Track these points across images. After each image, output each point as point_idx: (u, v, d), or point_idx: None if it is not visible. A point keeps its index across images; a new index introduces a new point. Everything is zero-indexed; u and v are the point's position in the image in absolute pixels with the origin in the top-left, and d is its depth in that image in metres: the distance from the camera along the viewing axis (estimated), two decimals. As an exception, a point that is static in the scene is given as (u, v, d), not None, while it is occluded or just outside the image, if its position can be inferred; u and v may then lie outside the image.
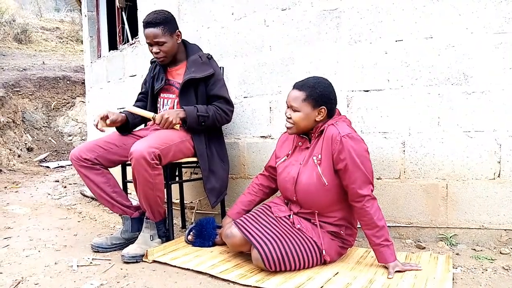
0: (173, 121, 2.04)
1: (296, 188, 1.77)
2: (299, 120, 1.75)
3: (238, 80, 2.52)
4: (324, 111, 1.74)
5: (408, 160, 2.13)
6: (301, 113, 1.74)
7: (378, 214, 1.68)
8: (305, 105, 1.73)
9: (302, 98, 1.74)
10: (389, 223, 2.17)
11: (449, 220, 2.09)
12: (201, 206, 2.69)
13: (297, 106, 1.74)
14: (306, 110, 1.74)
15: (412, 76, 2.11)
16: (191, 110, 2.10)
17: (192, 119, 2.09)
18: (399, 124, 2.14)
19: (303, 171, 1.76)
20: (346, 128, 1.71)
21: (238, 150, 2.55)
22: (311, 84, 1.76)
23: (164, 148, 1.96)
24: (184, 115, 2.08)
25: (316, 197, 1.73)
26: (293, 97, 1.76)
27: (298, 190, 1.77)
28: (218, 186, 2.18)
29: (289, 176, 1.80)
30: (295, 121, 1.76)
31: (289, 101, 1.77)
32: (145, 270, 1.81)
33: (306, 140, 1.84)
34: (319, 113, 1.75)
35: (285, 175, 1.83)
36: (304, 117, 1.74)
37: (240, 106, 2.52)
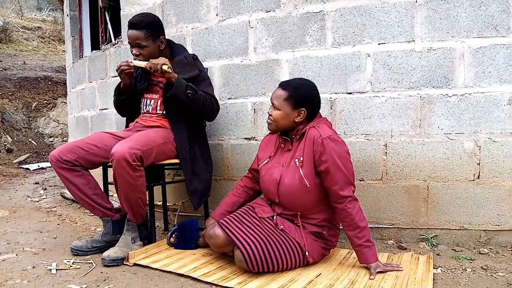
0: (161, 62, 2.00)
1: (278, 190, 1.78)
2: (278, 118, 1.78)
3: (223, 82, 2.52)
4: (303, 113, 1.77)
5: (390, 162, 2.16)
6: (281, 112, 1.77)
7: (360, 215, 1.70)
8: (285, 105, 1.76)
9: (283, 97, 1.77)
10: (371, 224, 2.19)
11: (430, 221, 2.12)
12: (184, 208, 2.67)
13: (278, 104, 1.77)
14: (286, 109, 1.76)
15: (394, 79, 2.14)
16: (181, 79, 2.06)
17: (180, 85, 2.03)
18: (381, 127, 2.16)
19: (285, 173, 1.77)
20: (328, 130, 1.74)
21: (222, 152, 2.54)
22: (295, 85, 1.79)
23: (146, 150, 1.94)
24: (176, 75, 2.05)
25: (298, 199, 1.74)
26: (276, 95, 1.79)
27: (280, 192, 1.77)
28: (201, 188, 2.17)
29: (272, 178, 1.81)
30: (274, 118, 1.79)
31: (272, 98, 1.81)
32: (126, 273, 1.78)
33: (288, 142, 1.85)
34: (298, 114, 1.77)
35: (267, 177, 1.84)
36: (283, 116, 1.77)
37: (224, 108, 2.51)
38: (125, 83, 2.21)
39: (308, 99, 1.78)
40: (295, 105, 1.76)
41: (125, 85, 2.22)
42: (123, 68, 2.12)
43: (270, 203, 1.88)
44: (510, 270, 1.76)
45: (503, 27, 2.01)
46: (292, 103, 1.76)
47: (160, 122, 2.19)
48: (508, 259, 1.90)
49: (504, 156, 2.03)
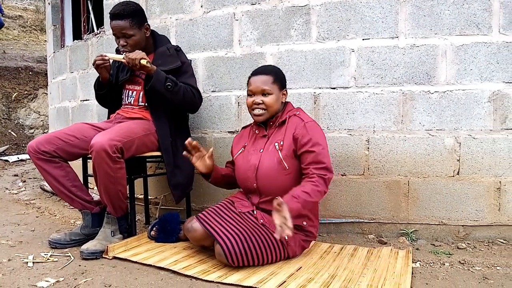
0: (138, 56, 1.96)
1: (257, 174, 1.79)
2: (272, 103, 1.80)
3: (207, 74, 2.49)
4: (286, 93, 1.87)
5: (372, 157, 2.17)
6: (274, 95, 1.81)
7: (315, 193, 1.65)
8: (275, 88, 1.82)
9: (271, 80, 1.81)
10: (352, 218, 2.21)
11: (410, 216, 2.14)
12: (166, 201, 2.65)
13: (269, 89, 1.80)
14: (276, 92, 1.82)
15: (378, 74, 2.15)
16: (160, 70, 2.03)
17: (159, 78, 2.01)
18: (364, 122, 2.18)
19: (264, 157, 1.79)
20: (309, 117, 1.82)
21: (205, 145, 2.52)
22: (272, 69, 1.88)
23: (126, 141, 1.91)
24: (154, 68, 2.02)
25: (276, 182, 1.74)
26: (263, 81, 1.80)
27: (259, 176, 1.78)
28: (183, 181, 2.15)
29: (249, 164, 1.82)
30: (268, 104, 1.79)
31: (259, 85, 1.80)
32: (105, 266, 1.76)
33: (262, 129, 1.89)
34: (283, 95, 1.86)
35: (244, 164, 1.85)
36: (276, 99, 1.82)
37: (208, 101, 2.49)
38: (104, 77, 2.17)
39: (285, 80, 1.89)
40: (281, 86, 1.84)
41: (103, 79, 2.18)
42: (98, 62, 2.09)
43: (248, 196, 1.88)
44: (487, 264, 1.80)
45: (484, 26, 2.03)
46: (278, 84, 1.83)
47: (142, 114, 2.17)
48: (485, 253, 1.94)
49: (483, 153, 2.06)
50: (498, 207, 2.07)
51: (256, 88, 1.80)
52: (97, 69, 2.12)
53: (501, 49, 2.03)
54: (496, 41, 2.03)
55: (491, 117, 2.05)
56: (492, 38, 2.03)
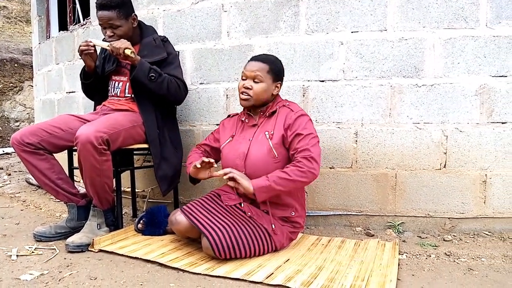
0: (123, 46, 1.94)
1: (246, 162, 1.79)
2: (260, 92, 1.80)
3: (195, 66, 2.47)
4: (279, 86, 1.86)
5: (360, 150, 2.18)
6: (264, 84, 1.80)
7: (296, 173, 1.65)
8: (268, 77, 1.81)
9: (266, 70, 1.81)
10: (340, 211, 2.22)
11: (397, 209, 2.16)
12: (153, 195, 2.63)
13: (262, 77, 1.79)
14: (268, 82, 1.81)
15: (366, 67, 2.15)
16: (144, 61, 2.01)
17: (142, 68, 1.99)
18: (352, 115, 2.18)
19: (253, 145, 1.80)
20: (299, 108, 1.83)
21: (193, 138, 2.51)
22: (272, 59, 1.86)
23: (113, 133, 1.89)
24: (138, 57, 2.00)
25: (265, 170, 1.73)
26: (259, 67, 1.80)
27: (248, 164, 1.78)
28: (170, 173, 2.14)
29: (238, 152, 1.82)
30: (256, 92, 1.79)
31: (253, 71, 1.80)
32: (91, 259, 1.74)
33: (252, 118, 1.88)
34: (275, 87, 1.84)
35: (232, 153, 1.84)
36: (266, 88, 1.81)
37: (196, 93, 2.47)
38: (88, 65, 2.13)
39: (282, 73, 1.88)
40: (275, 78, 1.83)
41: (88, 67, 2.14)
42: (82, 48, 2.05)
43: None
44: (472, 256, 1.83)
45: (472, 19, 2.04)
46: (273, 76, 1.82)
47: (129, 106, 2.14)
48: (470, 245, 1.96)
49: (470, 146, 2.08)
50: (483, 200, 2.09)
51: (250, 73, 1.80)
52: (82, 56, 2.09)
53: (488, 43, 2.04)
54: (483, 34, 2.04)
55: (477, 111, 2.07)
56: (480, 31, 2.04)
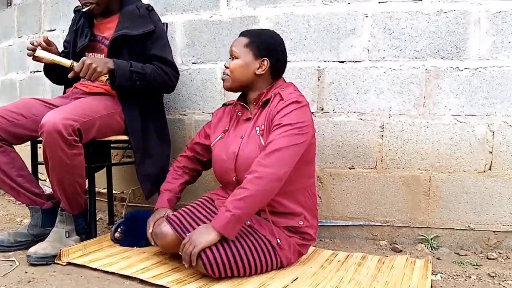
0: (98, 69, 1.92)
1: (236, 164, 1.78)
2: (236, 68, 1.81)
3: (186, 42, 2.47)
4: (266, 64, 1.82)
5: (386, 147, 2.18)
6: (240, 61, 1.81)
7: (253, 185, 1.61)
8: (246, 52, 1.81)
9: (244, 43, 1.82)
10: (361, 221, 2.22)
11: (430, 219, 2.16)
12: (134, 197, 2.64)
13: (237, 52, 1.82)
14: (246, 57, 1.81)
15: (396, 46, 2.14)
16: (122, 63, 2.01)
17: (123, 73, 1.99)
18: (378, 104, 2.18)
19: (245, 144, 1.79)
20: (293, 93, 1.76)
21: (183, 129, 2.51)
22: (257, 32, 1.88)
23: (86, 121, 1.89)
24: (113, 66, 1.99)
25: None
26: (236, 43, 1.84)
27: (238, 166, 1.78)
28: (155, 172, 2.15)
29: (228, 152, 1.82)
30: (231, 69, 1.82)
31: (231, 47, 1.85)
32: (57, 274, 1.75)
33: (247, 111, 1.88)
34: (260, 65, 1.82)
35: (223, 153, 1.84)
36: (242, 65, 1.81)
37: (188, 75, 2.47)
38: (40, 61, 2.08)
39: (272, 47, 1.84)
40: (257, 53, 1.81)
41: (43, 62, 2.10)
42: (28, 53, 2.02)
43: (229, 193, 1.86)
44: (521, 278, 1.82)
45: (527, -12, 2.03)
46: (254, 50, 1.81)
47: (105, 89, 2.14)
48: (519, 265, 1.96)
49: (521, 144, 2.08)
50: (536, 210, 2.09)
51: (229, 50, 1.85)
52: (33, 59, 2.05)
53: (547, 17, 2.03)
54: (541, 7, 2.03)
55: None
56: (536, 4, 2.03)
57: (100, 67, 1.93)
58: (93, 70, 1.92)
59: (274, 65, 1.83)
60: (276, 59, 1.84)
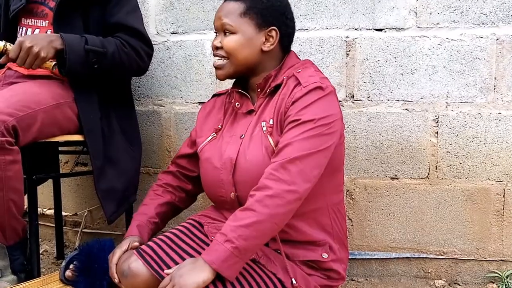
0: (41, 54, 1.94)
1: (235, 176, 1.75)
2: (235, 47, 1.75)
3: (163, 4, 2.49)
4: (275, 34, 1.77)
5: (443, 148, 2.19)
6: (239, 36, 1.75)
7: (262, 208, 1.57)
8: (245, 23, 1.75)
9: (240, 11, 1.75)
10: (408, 252, 2.23)
11: (505, 249, 2.17)
12: (92, 221, 2.66)
13: (232, 24, 1.74)
14: (247, 30, 1.75)
15: (455, 7, 2.15)
16: (74, 39, 2.03)
17: (76, 54, 2.01)
18: (430, 88, 2.18)
19: (246, 146, 1.75)
20: (313, 76, 1.72)
21: (159, 126, 2.54)
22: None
23: (24, 116, 1.89)
24: (61, 45, 2.00)
25: None
26: (226, 11, 1.76)
27: (238, 177, 1.75)
28: (120, 185, 2.16)
29: (224, 158, 1.79)
30: (229, 50, 1.75)
31: (219, 18, 1.77)
32: (-14, 328, 1.77)
33: (248, 100, 1.84)
34: (267, 38, 1.77)
35: (215, 159, 1.82)
36: (243, 42, 1.75)
37: (165, 49, 2.50)
38: None
39: (279, 9, 1.79)
40: (262, 21, 1.76)
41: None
42: None
43: (223, 214, 1.87)
44: None
45: None
46: (256, 18, 1.75)
47: (51, 70, 2.16)
48: None
49: None
50: None
51: (217, 22, 1.79)
52: None
53: None
54: None
55: None
56: None
57: (44, 50, 1.94)
58: (35, 55, 1.94)
59: (283, 35, 1.79)
60: (285, 25, 1.80)
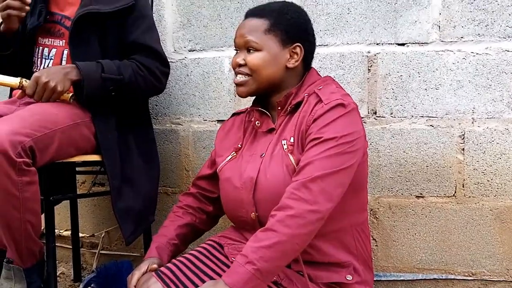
0: (57, 88, 1.97)
1: (256, 196, 1.75)
2: (260, 64, 1.76)
3: (180, 20, 2.51)
4: (300, 51, 1.78)
5: (470, 166, 2.16)
6: (264, 53, 1.76)
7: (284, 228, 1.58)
8: (269, 39, 1.76)
9: (264, 27, 1.76)
10: (435, 273, 2.20)
11: (538, 270, 2.14)
12: (110, 243, 2.66)
13: (257, 41, 1.75)
14: (272, 47, 1.76)
15: (479, 20, 2.13)
16: (90, 68, 2.04)
17: (93, 84, 2.03)
18: (455, 104, 2.17)
19: (267, 165, 1.76)
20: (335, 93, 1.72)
21: (177, 144, 2.54)
22: (276, 8, 1.81)
23: (41, 136, 1.90)
24: (77, 76, 2.02)
25: None
26: (251, 27, 1.77)
27: (259, 197, 1.75)
28: (138, 205, 2.16)
29: (244, 177, 1.79)
30: (254, 67, 1.76)
31: (243, 35, 1.78)
32: None
33: (268, 119, 1.85)
34: (291, 55, 1.78)
35: (235, 178, 1.82)
36: (268, 59, 1.76)
37: (183, 67, 2.50)
38: (9, 28, 2.14)
39: (302, 26, 1.81)
40: (286, 38, 1.77)
41: (7, 30, 2.15)
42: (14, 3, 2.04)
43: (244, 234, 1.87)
44: None
45: None
46: (280, 35, 1.76)
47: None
48: None
49: None
50: None
51: (238, 40, 1.79)
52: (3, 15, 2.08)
53: None
54: None
55: None
56: None
57: (61, 84, 1.97)
58: (51, 90, 1.97)
59: (307, 51, 1.80)
60: (309, 42, 1.82)
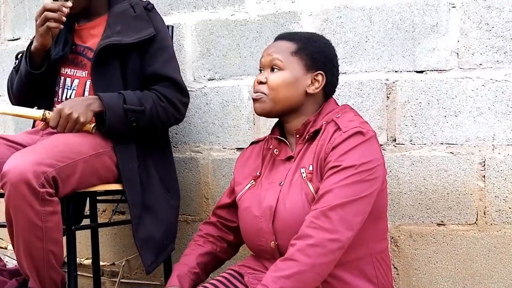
0: (80, 119, 2.00)
1: (275, 225, 1.74)
2: (281, 84, 1.76)
3: (199, 50, 2.53)
4: (322, 79, 1.78)
5: (491, 193, 2.14)
6: (287, 73, 1.77)
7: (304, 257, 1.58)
8: (294, 62, 1.77)
9: (291, 49, 1.78)
10: (457, 303, 2.18)
11: None
12: (130, 271, 2.66)
13: (282, 60, 1.77)
14: (295, 69, 1.77)
15: (498, 47, 2.13)
16: (112, 99, 2.07)
17: (115, 115, 2.06)
18: (475, 131, 2.15)
19: (286, 193, 1.74)
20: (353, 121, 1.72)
21: (197, 172, 2.54)
22: (305, 35, 1.87)
23: (64, 166, 1.92)
24: (99, 108, 2.05)
25: None
26: (277, 48, 1.80)
27: (278, 226, 1.74)
28: (158, 235, 2.16)
29: (263, 206, 1.78)
30: (273, 84, 1.76)
31: (270, 53, 1.80)
32: None
33: (286, 147, 1.84)
34: (313, 81, 1.78)
35: (254, 207, 1.81)
36: (290, 80, 1.76)
37: (202, 96, 2.52)
38: (44, 44, 2.15)
39: (328, 57, 1.83)
40: (311, 63, 1.78)
41: (42, 47, 2.16)
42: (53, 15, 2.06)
43: (263, 263, 1.85)
44: None
45: None
46: (306, 59, 1.78)
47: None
48: None
49: None
50: None
51: (265, 58, 1.81)
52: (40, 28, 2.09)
53: None
54: None
55: None
56: None
57: (83, 115, 2.00)
58: (74, 122, 1.99)
59: (329, 81, 1.81)
60: (332, 73, 1.83)
